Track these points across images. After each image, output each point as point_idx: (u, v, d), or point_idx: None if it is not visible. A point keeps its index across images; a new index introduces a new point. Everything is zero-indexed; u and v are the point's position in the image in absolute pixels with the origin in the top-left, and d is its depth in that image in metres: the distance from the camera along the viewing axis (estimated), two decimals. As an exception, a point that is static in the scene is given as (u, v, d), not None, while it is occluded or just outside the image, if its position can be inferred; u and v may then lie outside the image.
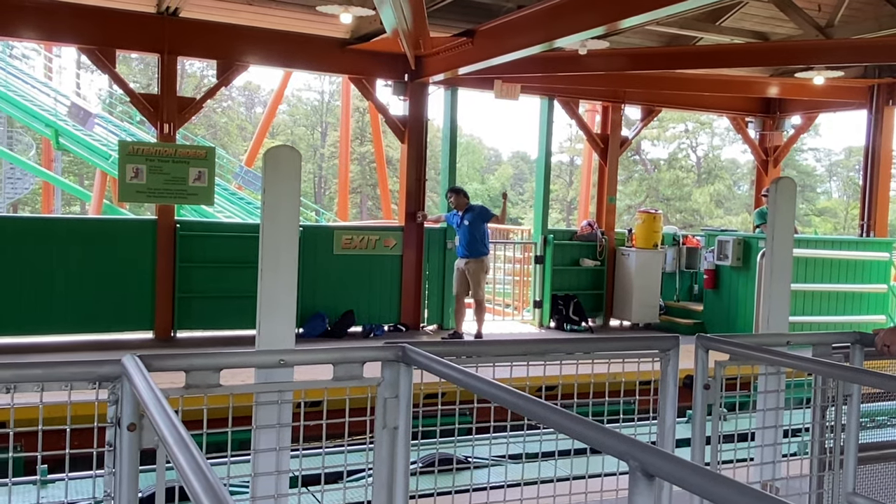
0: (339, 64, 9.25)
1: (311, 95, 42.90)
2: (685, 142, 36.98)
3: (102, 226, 9.10)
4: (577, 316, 10.22)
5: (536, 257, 10.41)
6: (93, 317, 8.11)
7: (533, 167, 39.81)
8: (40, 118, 17.39)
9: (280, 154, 2.41)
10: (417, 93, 9.47)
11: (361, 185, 38.39)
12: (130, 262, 8.28)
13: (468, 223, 9.00)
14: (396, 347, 2.27)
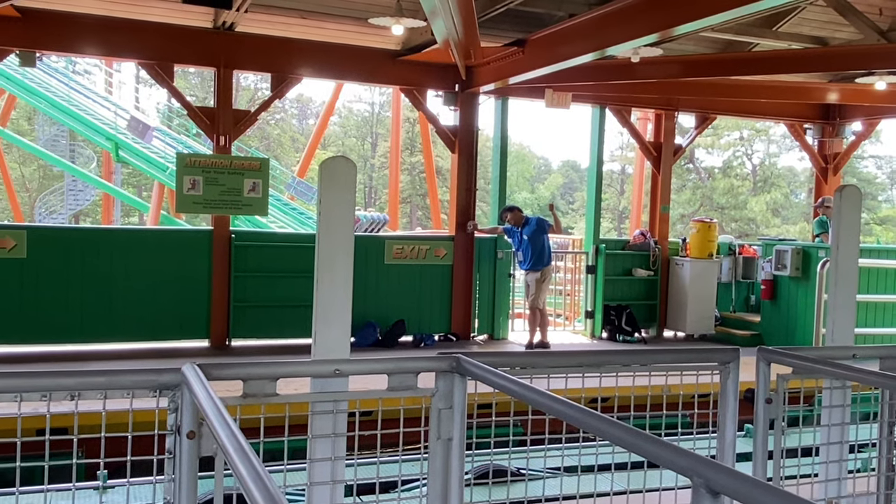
0: (390, 75, 9.34)
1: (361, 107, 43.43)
2: (740, 149, 36.26)
3: (160, 236, 9.33)
4: (629, 326, 10.09)
5: (588, 267, 10.32)
6: (151, 325, 8.30)
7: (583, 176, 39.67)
8: (101, 132, 17.96)
9: (336, 165, 2.44)
10: (468, 103, 9.49)
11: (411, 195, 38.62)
12: (187, 272, 8.47)
13: (528, 237, 9.03)
14: (451, 358, 2.26)
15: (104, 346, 8.23)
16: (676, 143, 10.88)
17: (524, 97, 10.01)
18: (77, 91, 19.36)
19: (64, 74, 19.92)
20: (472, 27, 7.04)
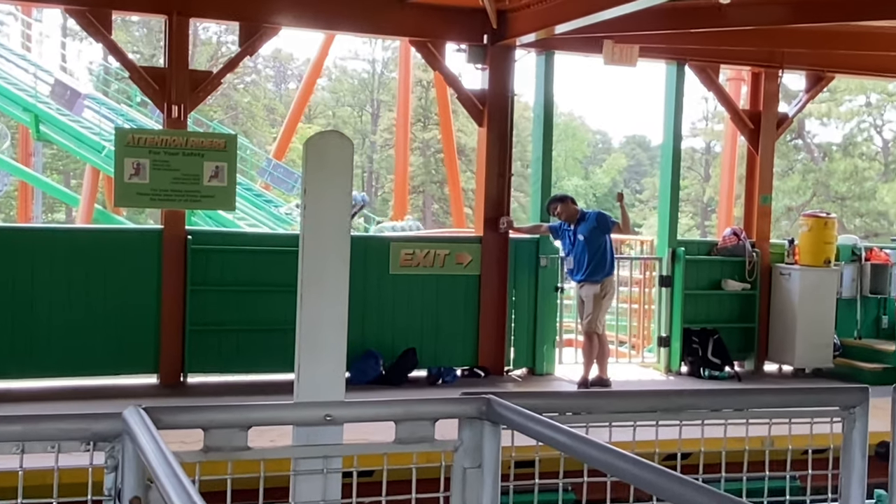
0: (396, 23, 9.37)
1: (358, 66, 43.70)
2: (867, 120, 36.00)
3: (94, 238, 9.42)
4: (718, 358, 10.04)
5: (662, 278, 10.29)
6: (81, 356, 8.38)
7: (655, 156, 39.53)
8: (17, 100, 18.19)
9: (325, 143, 2.45)
10: (500, 59, 9.50)
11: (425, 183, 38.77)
12: (129, 285, 8.54)
13: (584, 237, 9.01)
14: (479, 400, 2.27)
15: (19, 383, 8.30)
16: (781, 112, 10.81)
17: (575, 51, 9.98)
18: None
19: (-32, 26, 20.20)
20: (506, -41, 7.06)
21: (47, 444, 2.03)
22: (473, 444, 2.29)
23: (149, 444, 1.79)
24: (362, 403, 2.33)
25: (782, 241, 10.86)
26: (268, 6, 8.81)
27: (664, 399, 2.57)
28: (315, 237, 2.48)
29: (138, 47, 35.62)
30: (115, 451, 2.01)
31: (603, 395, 2.77)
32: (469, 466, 2.28)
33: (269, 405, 2.22)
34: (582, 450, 1.93)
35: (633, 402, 2.56)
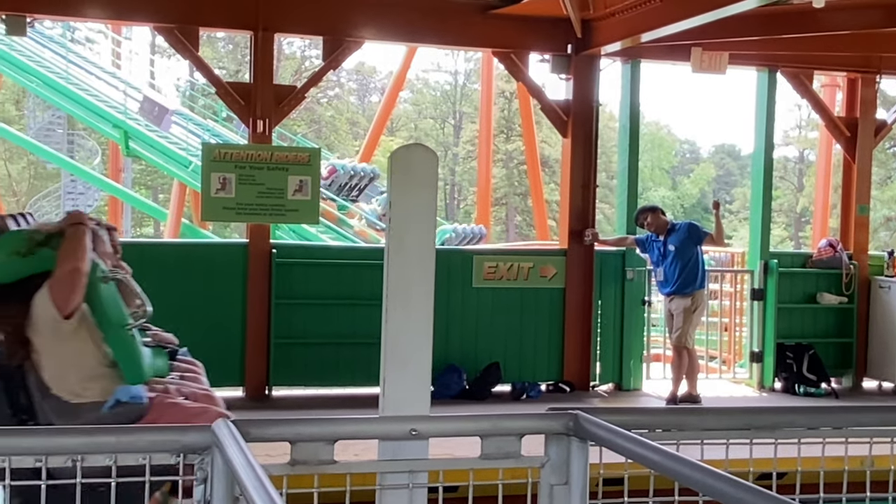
0: (479, 35, 9.40)
1: (441, 78, 43.95)
2: (971, 125, 34.82)
3: (181, 252, 9.64)
4: (813, 374, 9.84)
5: (754, 291, 10.11)
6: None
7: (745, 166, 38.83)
8: (107, 117, 18.72)
9: (411, 156, 2.47)
10: (585, 69, 9.46)
11: (508, 195, 38.74)
12: (215, 299, 8.71)
13: (675, 248, 8.91)
14: (566, 415, 2.25)
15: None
16: (878, 119, 10.56)
17: (662, 59, 9.89)
18: (77, 66, 20.27)
19: (60, 45, 20.90)
20: (591, -33, 7.04)
21: (139, 455, 2.08)
22: (560, 461, 2.28)
23: (237, 456, 1.82)
24: (448, 418, 2.34)
25: (881, 252, 10.62)
26: (351, 20, 8.92)
27: (758, 416, 2.51)
28: (400, 250, 2.50)
29: (224, 63, 36.44)
30: (205, 463, 2.05)
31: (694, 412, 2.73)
32: (556, 483, 2.27)
33: (355, 419, 2.24)
34: (673, 468, 1.91)
35: (725, 419, 2.51)
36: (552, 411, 2.30)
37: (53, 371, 3.94)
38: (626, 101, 9.88)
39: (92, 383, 3.97)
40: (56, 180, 30.29)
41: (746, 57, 9.75)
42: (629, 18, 8.57)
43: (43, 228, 4.18)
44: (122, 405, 3.93)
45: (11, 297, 3.94)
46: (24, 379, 3.97)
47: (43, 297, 3.88)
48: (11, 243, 4.06)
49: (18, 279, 3.98)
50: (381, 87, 38.56)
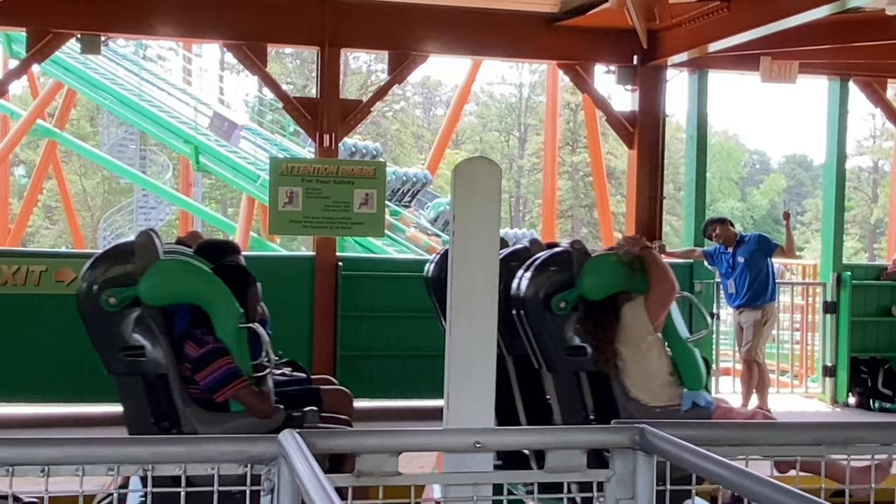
0: (544, 47, 9.39)
1: (506, 90, 44.01)
2: None
3: (250, 264, 9.72)
4: (889, 389, 9.63)
5: (826, 304, 9.91)
6: (238, 379, 8.68)
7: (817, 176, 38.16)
8: (179, 133, 19.10)
9: (474, 169, 2.48)
10: (651, 79, 9.39)
11: (573, 206, 38.57)
12: (282, 311, 8.78)
13: (744, 260, 8.80)
14: (631, 429, 2.23)
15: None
16: (955, 127, 10.32)
17: (730, 69, 9.77)
18: (149, 83, 20.72)
19: (133, 62, 21.39)
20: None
21: (208, 465, 2.11)
22: (626, 475, 2.26)
23: (303, 467, 1.83)
24: (512, 430, 2.34)
25: (959, 264, 10.34)
26: (416, 35, 8.98)
27: (830, 431, 2.46)
28: (464, 263, 2.50)
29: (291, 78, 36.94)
30: (272, 473, 2.08)
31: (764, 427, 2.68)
32: (621, 498, 2.25)
33: (420, 431, 2.24)
34: (742, 484, 1.88)
35: (796, 435, 2.46)
36: (618, 425, 2.28)
37: (636, 378, 4.53)
38: (693, 111, 9.78)
39: (664, 389, 4.59)
40: (129, 195, 30.97)
41: (817, 65, 9.59)
42: (696, 28, 8.50)
43: (621, 251, 4.85)
44: (697, 408, 4.56)
45: (603, 311, 4.61)
46: (609, 383, 4.52)
47: (637, 311, 4.53)
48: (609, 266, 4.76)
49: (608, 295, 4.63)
50: (446, 100, 38.72)
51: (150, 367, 4.27)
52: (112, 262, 4.43)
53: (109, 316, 4.27)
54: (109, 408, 8.50)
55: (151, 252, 4.41)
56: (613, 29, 9.07)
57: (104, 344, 4.35)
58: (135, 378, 4.31)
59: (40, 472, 2.08)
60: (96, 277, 4.35)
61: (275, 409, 4.44)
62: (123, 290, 4.27)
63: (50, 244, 33.87)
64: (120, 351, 4.29)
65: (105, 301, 4.24)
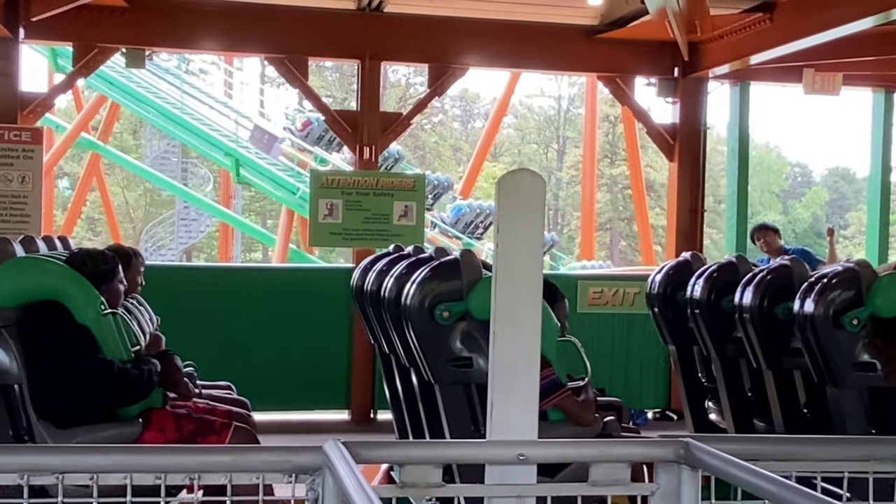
0: (583, 59, 9.38)
1: (544, 103, 43.93)
2: None
3: (289, 276, 9.84)
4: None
5: (870, 319, 9.78)
6: (278, 390, 8.71)
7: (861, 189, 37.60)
8: (220, 146, 19.29)
9: (518, 181, 2.47)
10: (692, 92, 9.34)
11: (612, 220, 38.40)
12: (322, 322, 8.83)
13: None
14: (677, 443, 2.21)
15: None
16: None
17: (772, 81, 9.72)
18: (191, 96, 20.96)
19: (176, 76, 21.65)
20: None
21: (253, 475, 2.12)
22: (670, 490, 2.23)
23: (348, 477, 1.84)
24: (556, 443, 2.32)
25: None
26: (456, 48, 9.02)
27: (878, 447, 2.42)
28: (508, 275, 2.50)
29: (331, 91, 37.16)
30: (316, 483, 2.08)
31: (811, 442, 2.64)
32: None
33: (463, 443, 2.25)
34: (791, 499, 1.85)
35: (843, 450, 2.43)
36: (663, 439, 2.26)
37: None
38: (734, 123, 9.73)
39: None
40: (170, 207, 31.30)
41: (861, 77, 9.49)
42: (738, 40, 8.45)
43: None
44: None
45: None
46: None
47: None
48: None
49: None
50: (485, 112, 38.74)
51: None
52: None
53: None
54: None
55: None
56: (654, 41, 9.04)
57: None
58: None
59: (89, 479, 2.11)
60: None
61: (595, 418, 4.54)
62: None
63: (93, 255, 34.19)
64: None
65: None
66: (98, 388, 4.18)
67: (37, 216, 8.10)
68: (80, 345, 4.18)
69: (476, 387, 4.39)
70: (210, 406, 4.77)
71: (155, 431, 4.19)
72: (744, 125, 9.70)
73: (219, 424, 4.47)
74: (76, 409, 4.17)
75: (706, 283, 5.84)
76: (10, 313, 4.19)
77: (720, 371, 5.89)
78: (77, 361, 4.15)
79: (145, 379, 4.26)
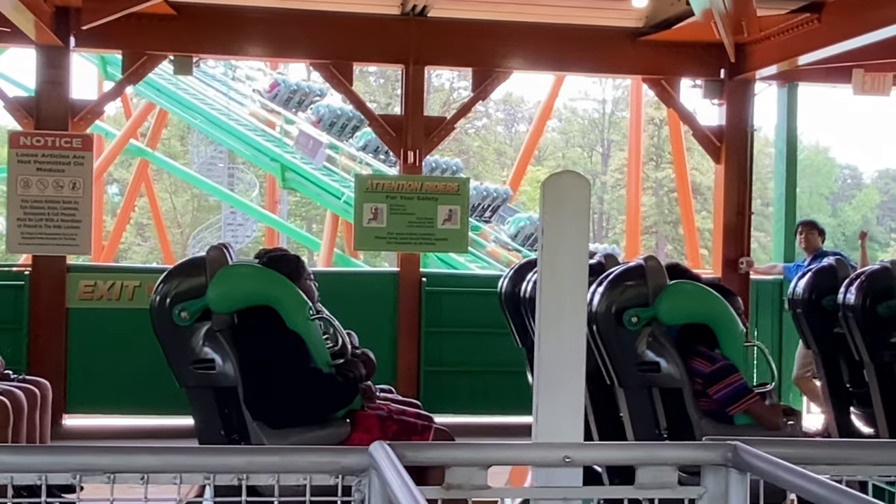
0: (628, 61, 9.33)
1: (588, 106, 43.78)
2: None
3: (334, 280, 9.86)
4: None
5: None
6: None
7: (912, 191, 36.87)
8: (265, 151, 19.46)
9: (563, 183, 2.48)
10: (739, 93, 9.25)
11: (657, 223, 38.13)
12: (368, 326, 8.85)
13: None
14: (724, 446, 2.20)
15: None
16: None
17: (820, 82, 9.60)
18: (237, 102, 21.17)
19: (222, 83, 21.88)
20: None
21: (300, 475, 2.15)
22: (718, 493, 2.22)
23: (394, 478, 1.85)
24: (602, 446, 2.32)
25: None
26: (500, 51, 9.02)
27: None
28: (552, 278, 2.50)
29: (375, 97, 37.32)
30: (363, 484, 2.10)
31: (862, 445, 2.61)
32: (714, 516, 2.21)
33: (509, 445, 2.25)
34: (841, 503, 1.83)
35: (892, 453, 2.39)
36: (710, 441, 2.25)
37: None
38: (782, 125, 9.62)
39: None
40: (217, 212, 31.65)
41: (912, 77, 9.34)
42: (786, 41, 8.36)
43: None
44: None
45: None
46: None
47: None
48: None
49: None
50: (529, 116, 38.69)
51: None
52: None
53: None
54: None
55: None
56: (700, 42, 8.97)
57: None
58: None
59: (140, 479, 2.15)
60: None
61: (783, 422, 4.67)
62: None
63: (142, 260, 34.76)
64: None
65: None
66: (310, 395, 4.38)
67: (87, 222, 8.23)
68: (292, 350, 4.36)
69: (660, 391, 4.54)
70: (398, 408, 4.90)
71: (362, 433, 4.36)
72: (792, 127, 9.59)
73: (420, 426, 4.64)
74: (289, 412, 4.36)
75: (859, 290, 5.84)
76: (225, 318, 4.39)
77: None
78: (290, 367, 4.33)
79: (352, 386, 4.49)
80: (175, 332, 4.37)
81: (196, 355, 4.36)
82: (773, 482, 2.08)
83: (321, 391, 4.38)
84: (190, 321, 4.34)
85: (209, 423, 4.39)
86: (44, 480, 2.06)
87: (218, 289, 4.37)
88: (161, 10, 8.25)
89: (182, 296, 4.38)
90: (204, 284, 4.39)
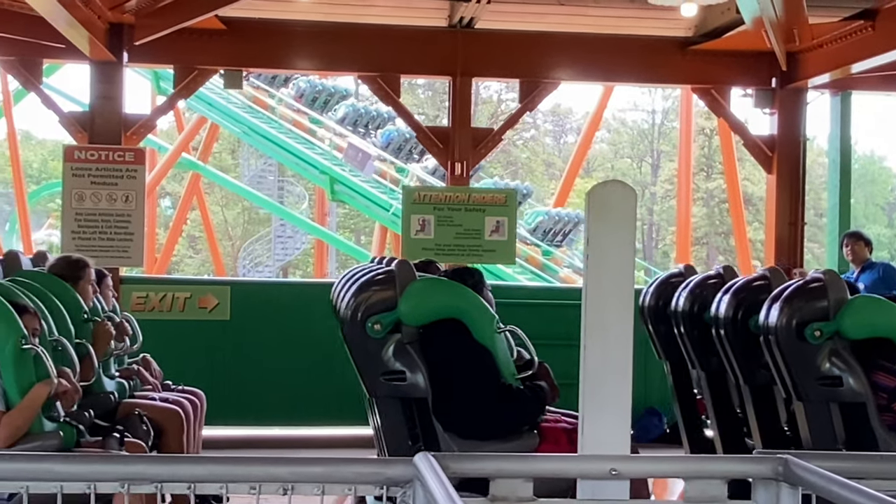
0: (677, 71, 9.27)
1: (638, 117, 43.53)
2: None
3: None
4: None
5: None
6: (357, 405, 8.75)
7: (970, 201, 36.11)
8: (315, 164, 19.64)
9: (608, 193, 2.46)
10: (791, 102, 9.14)
11: (708, 234, 37.76)
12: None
13: (864, 287, 8.40)
14: (776, 459, 2.15)
15: (318, 430, 8.82)
16: None
17: (875, 90, 9.47)
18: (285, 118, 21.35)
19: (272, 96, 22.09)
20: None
21: (345, 486, 2.14)
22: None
23: (439, 489, 1.84)
24: (649, 459, 2.29)
25: None
26: (547, 62, 9.00)
27: None
28: (598, 288, 2.48)
29: (423, 109, 37.48)
30: (407, 495, 2.09)
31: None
32: (765, 531, 2.17)
33: (555, 457, 2.23)
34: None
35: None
36: (761, 455, 2.21)
37: None
38: (835, 134, 9.49)
39: None
40: (267, 225, 31.94)
41: (969, 84, 9.17)
42: (838, 49, 8.24)
43: None
44: None
45: None
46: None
47: None
48: None
49: None
50: (577, 127, 38.58)
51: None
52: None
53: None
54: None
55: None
56: (751, 51, 8.89)
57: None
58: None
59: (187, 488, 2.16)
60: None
61: None
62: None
63: (193, 272, 35.18)
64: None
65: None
66: (501, 408, 4.48)
67: (140, 235, 8.35)
68: (482, 363, 4.45)
69: (839, 405, 4.53)
70: (572, 420, 4.99)
71: (551, 444, 4.42)
72: (845, 136, 9.46)
73: None
74: (481, 425, 4.43)
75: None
76: (414, 330, 4.49)
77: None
78: (481, 380, 4.42)
79: (540, 400, 4.62)
80: (367, 343, 4.48)
81: (386, 367, 4.46)
82: (825, 497, 2.04)
83: (512, 405, 4.48)
84: (382, 333, 4.43)
85: (397, 433, 4.49)
86: (192, 490, 2.09)
87: (410, 302, 4.46)
88: (211, 25, 8.36)
89: (373, 308, 4.47)
90: (394, 297, 4.48)
